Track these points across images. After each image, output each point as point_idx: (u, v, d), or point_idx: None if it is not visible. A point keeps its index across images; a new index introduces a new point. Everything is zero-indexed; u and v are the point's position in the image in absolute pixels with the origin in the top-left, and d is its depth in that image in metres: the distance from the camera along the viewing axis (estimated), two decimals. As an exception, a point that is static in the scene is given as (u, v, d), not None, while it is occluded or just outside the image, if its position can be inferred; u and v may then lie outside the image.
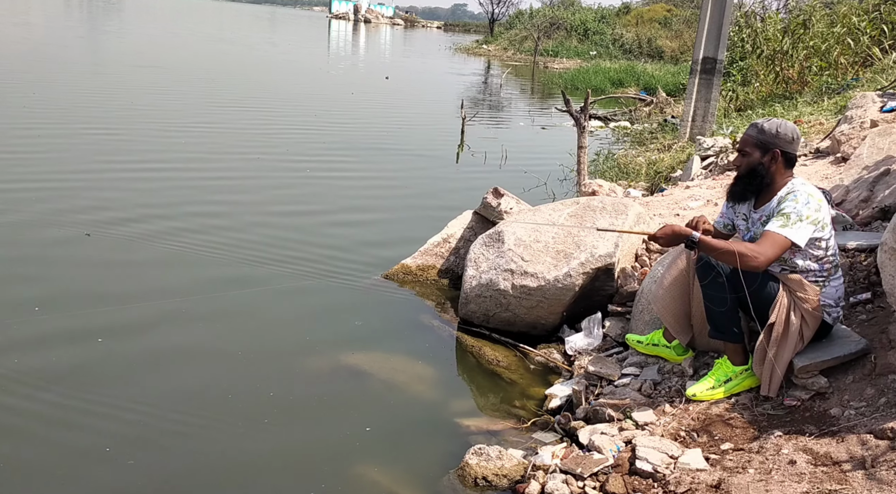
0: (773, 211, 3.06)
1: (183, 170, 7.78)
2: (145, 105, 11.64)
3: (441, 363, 4.17)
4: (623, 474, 2.78)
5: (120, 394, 3.51)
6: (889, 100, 6.67)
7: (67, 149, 8.14)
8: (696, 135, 9.19)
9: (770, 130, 3.08)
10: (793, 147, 3.09)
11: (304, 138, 10.42)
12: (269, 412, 3.48)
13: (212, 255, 5.44)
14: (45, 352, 3.78)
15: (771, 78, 12.41)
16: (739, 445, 2.86)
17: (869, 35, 11.22)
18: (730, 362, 3.24)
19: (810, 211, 2.98)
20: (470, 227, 5.47)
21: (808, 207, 2.98)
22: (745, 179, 3.15)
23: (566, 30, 38.38)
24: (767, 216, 3.09)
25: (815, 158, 6.41)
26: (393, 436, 3.39)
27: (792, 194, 3.02)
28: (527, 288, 4.30)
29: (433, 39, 53.80)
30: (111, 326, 4.13)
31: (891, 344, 3.09)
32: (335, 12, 74.91)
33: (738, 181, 3.19)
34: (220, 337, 4.22)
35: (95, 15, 39.37)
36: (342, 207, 7.07)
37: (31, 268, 4.84)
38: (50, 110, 10.29)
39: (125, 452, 3.08)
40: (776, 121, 3.12)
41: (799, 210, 2.97)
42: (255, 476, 3.02)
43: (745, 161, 3.14)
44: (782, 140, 3.07)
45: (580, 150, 7.81)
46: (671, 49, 32.73)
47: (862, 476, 2.43)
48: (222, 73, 17.69)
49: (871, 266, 3.66)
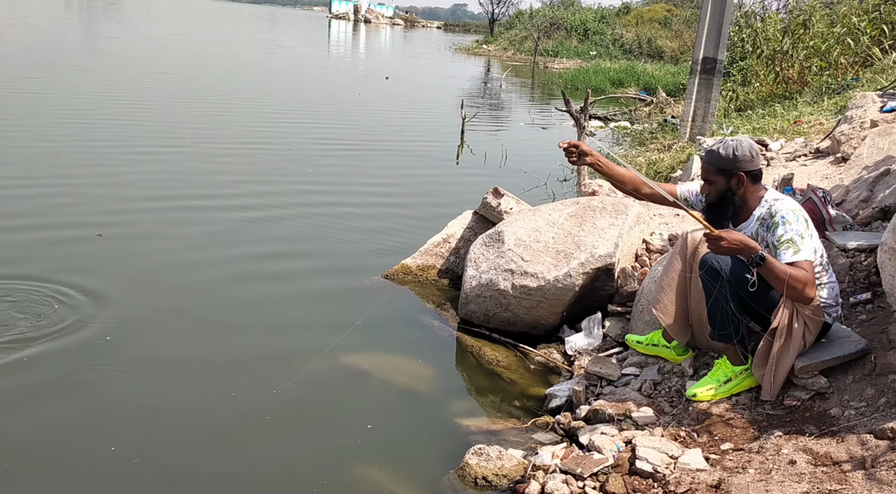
0: (757, 231, 3.07)
1: (180, 163, 7.79)
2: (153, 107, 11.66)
3: (441, 363, 4.17)
4: (623, 474, 2.78)
5: (120, 397, 3.51)
6: (889, 100, 6.68)
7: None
8: (696, 135, 9.19)
9: (727, 155, 3.05)
10: (754, 164, 3.07)
11: (305, 138, 10.42)
12: (270, 411, 3.48)
13: (212, 255, 5.45)
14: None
15: (771, 78, 12.42)
16: (739, 445, 2.86)
17: (869, 35, 11.22)
18: (729, 362, 3.24)
19: (802, 226, 3.00)
20: (470, 227, 5.47)
21: (800, 223, 3.00)
22: (718, 207, 3.13)
23: (566, 30, 38.37)
24: (749, 236, 3.06)
25: (815, 158, 6.41)
26: (393, 436, 3.39)
27: (779, 216, 3.00)
28: (527, 288, 4.30)
29: (433, 39, 53.79)
30: (111, 327, 4.13)
31: (891, 344, 3.09)
32: (335, 12, 74.91)
33: (711, 209, 3.16)
34: (221, 337, 4.22)
35: (98, 17, 39.34)
36: (342, 207, 7.06)
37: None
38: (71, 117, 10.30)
39: (129, 452, 3.08)
40: (730, 144, 3.06)
41: (797, 229, 2.98)
42: (256, 476, 3.02)
43: (713, 189, 3.12)
44: (742, 161, 3.04)
45: (580, 150, 7.80)
46: (671, 49, 32.72)
47: (862, 476, 2.43)
48: (230, 75, 17.70)
49: (871, 266, 3.66)
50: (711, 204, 3.16)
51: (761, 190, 3.13)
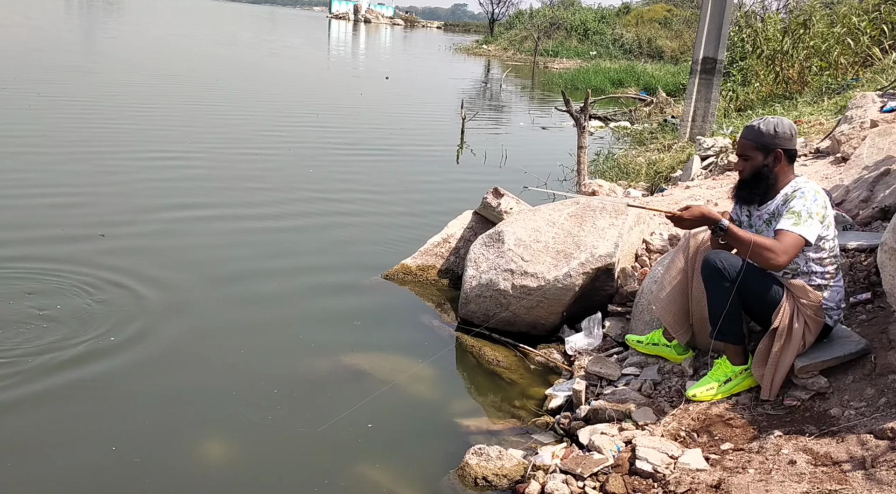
0: (777, 207, 3.05)
1: (182, 160, 7.79)
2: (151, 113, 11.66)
3: (441, 363, 4.17)
4: (623, 474, 2.78)
5: (123, 395, 3.52)
6: (889, 100, 6.67)
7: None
8: (696, 135, 9.19)
9: (768, 131, 3.06)
10: (792, 143, 3.08)
11: (305, 138, 10.42)
12: (270, 411, 3.48)
13: (211, 254, 5.44)
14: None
15: (771, 78, 12.42)
16: (739, 445, 2.86)
17: (869, 35, 11.23)
18: (729, 362, 3.24)
19: (818, 207, 2.98)
20: (470, 227, 5.47)
21: (817, 204, 2.98)
22: (751, 183, 3.12)
23: (566, 30, 38.37)
24: (771, 214, 3.08)
25: (815, 158, 6.41)
26: (393, 436, 3.39)
27: (800, 191, 3.00)
28: (527, 288, 4.30)
29: (433, 39, 53.78)
30: (111, 327, 4.14)
31: (891, 344, 3.09)
32: (335, 12, 74.93)
33: (744, 185, 3.15)
34: (221, 337, 4.22)
35: (99, 18, 39.33)
36: (342, 207, 7.06)
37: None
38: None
39: (130, 450, 3.09)
40: (771, 121, 3.08)
41: (808, 207, 2.96)
42: (256, 476, 3.03)
43: (749, 164, 3.11)
44: (782, 138, 3.05)
45: (580, 150, 7.82)
46: (671, 49, 32.73)
47: (862, 476, 2.43)
48: (229, 74, 17.70)
49: (871, 266, 3.66)
50: (745, 180, 3.14)
51: (793, 173, 3.12)
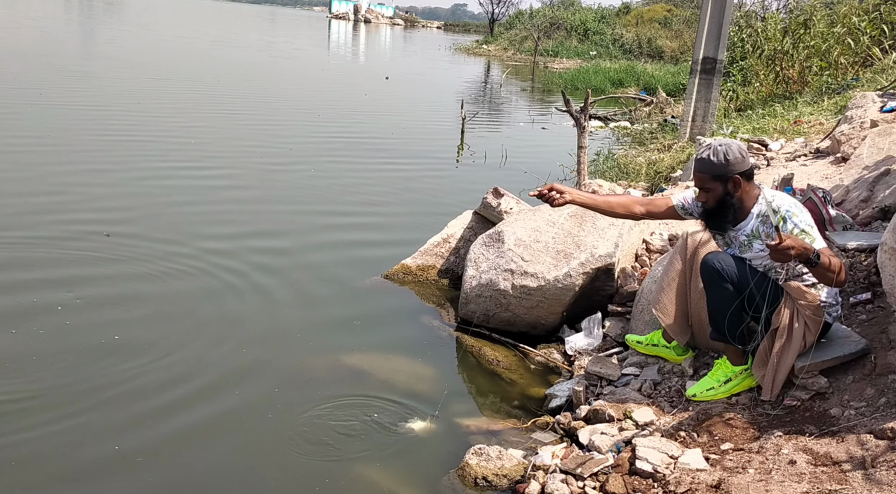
0: (755, 228, 3.08)
1: (173, 164, 7.78)
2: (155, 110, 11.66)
3: (441, 363, 4.17)
4: (623, 474, 2.78)
5: (119, 398, 3.51)
6: (889, 100, 6.68)
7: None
8: (696, 135, 9.19)
9: (720, 161, 3.02)
10: (745, 164, 3.06)
11: (306, 138, 10.43)
12: (270, 411, 3.48)
13: (210, 254, 5.44)
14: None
15: (771, 78, 12.42)
16: (739, 445, 2.86)
17: (869, 35, 11.23)
18: (729, 362, 3.24)
19: (807, 216, 3.01)
20: (470, 227, 5.47)
21: (805, 214, 3.01)
22: (719, 212, 3.12)
23: (566, 30, 38.38)
24: (748, 235, 3.09)
25: (815, 158, 6.41)
26: (393, 436, 3.39)
27: (784, 211, 2.99)
28: (527, 288, 4.30)
29: (433, 40, 53.78)
30: (110, 325, 4.14)
31: (891, 344, 3.09)
32: (335, 12, 74.94)
33: (712, 215, 3.15)
34: (222, 336, 4.22)
35: (99, 18, 39.32)
36: (342, 207, 7.06)
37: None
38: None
39: (131, 451, 3.09)
40: (720, 149, 3.04)
41: (805, 220, 2.98)
42: (257, 475, 3.03)
43: (711, 195, 3.10)
44: (734, 164, 3.02)
45: (580, 150, 7.81)
46: (671, 49, 32.73)
47: (862, 476, 2.43)
48: (228, 74, 17.71)
49: (871, 266, 3.66)
50: (710, 210, 3.15)
51: (755, 188, 3.14)
